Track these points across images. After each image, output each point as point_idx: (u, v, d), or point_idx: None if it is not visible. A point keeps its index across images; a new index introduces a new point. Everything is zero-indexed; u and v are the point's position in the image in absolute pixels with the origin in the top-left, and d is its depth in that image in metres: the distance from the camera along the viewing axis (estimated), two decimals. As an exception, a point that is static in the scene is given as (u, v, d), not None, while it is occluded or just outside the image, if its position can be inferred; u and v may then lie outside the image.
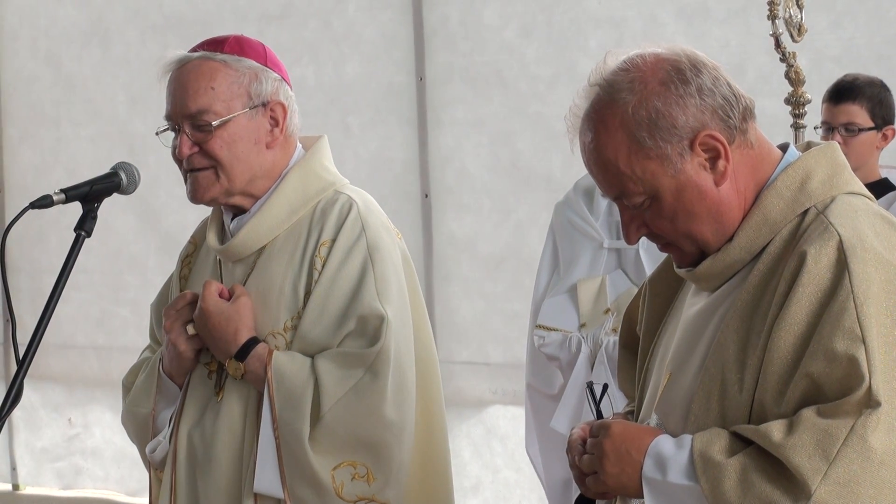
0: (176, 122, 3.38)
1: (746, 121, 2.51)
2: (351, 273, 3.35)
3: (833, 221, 2.42)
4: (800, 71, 4.37)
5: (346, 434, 3.30)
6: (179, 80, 3.38)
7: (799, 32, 4.33)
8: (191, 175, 3.39)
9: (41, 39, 7.73)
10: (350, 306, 3.33)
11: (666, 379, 2.60)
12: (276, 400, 3.30)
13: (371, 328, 3.30)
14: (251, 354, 3.35)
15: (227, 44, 3.41)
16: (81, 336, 7.76)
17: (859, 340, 2.30)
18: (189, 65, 3.38)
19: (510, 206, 6.63)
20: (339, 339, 3.33)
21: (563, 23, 6.46)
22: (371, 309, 3.31)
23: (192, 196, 3.42)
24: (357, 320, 3.32)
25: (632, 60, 2.50)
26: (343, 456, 3.32)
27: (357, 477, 3.32)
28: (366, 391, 3.30)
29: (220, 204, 3.46)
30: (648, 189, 2.48)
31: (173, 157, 3.41)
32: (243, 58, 3.40)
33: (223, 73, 3.37)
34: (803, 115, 4.46)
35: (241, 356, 3.35)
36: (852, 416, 2.28)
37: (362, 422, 3.31)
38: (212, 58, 3.38)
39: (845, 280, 2.34)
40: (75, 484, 7.95)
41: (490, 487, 6.91)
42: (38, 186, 6.95)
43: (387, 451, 3.33)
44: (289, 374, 3.31)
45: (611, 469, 2.49)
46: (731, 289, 2.52)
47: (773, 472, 2.31)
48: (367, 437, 3.31)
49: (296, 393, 3.30)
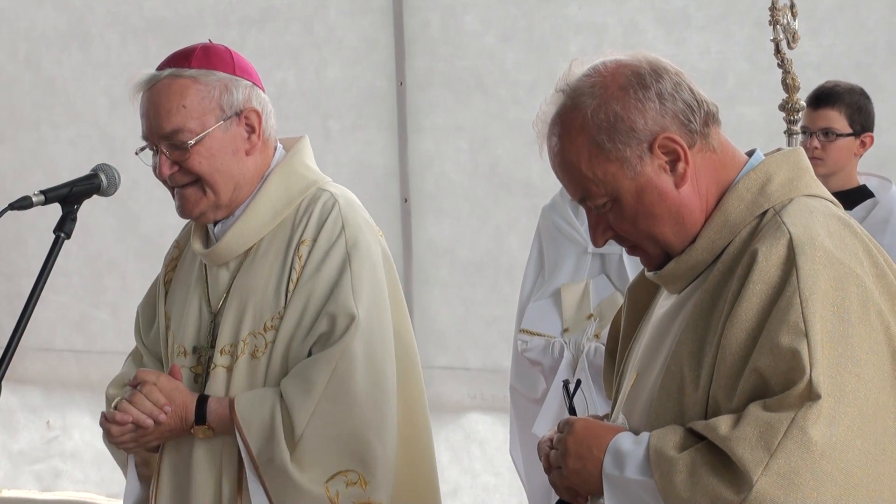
0: (153, 142, 3.39)
1: (709, 125, 2.56)
2: (329, 273, 3.36)
3: (786, 220, 2.47)
4: (796, 78, 4.39)
5: (328, 444, 3.32)
6: (151, 101, 3.38)
7: (794, 39, 4.34)
8: (178, 191, 3.40)
9: (21, 42, 7.71)
10: (325, 306, 3.34)
11: (633, 379, 2.65)
12: (251, 441, 3.32)
13: (339, 328, 3.32)
14: (208, 413, 3.37)
15: (194, 56, 3.41)
16: (60, 339, 7.74)
17: (802, 335, 2.34)
18: (159, 84, 3.38)
19: (489, 212, 6.64)
20: (311, 342, 3.34)
21: (544, 29, 6.46)
22: (344, 308, 3.32)
23: (180, 212, 3.44)
24: (328, 319, 3.33)
25: (595, 67, 2.56)
26: (332, 467, 3.33)
27: (350, 484, 3.34)
28: (336, 396, 3.31)
29: (209, 220, 3.46)
30: (610, 191, 2.53)
31: (155, 175, 3.42)
32: (212, 70, 3.40)
33: (193, 89, 3.36)
34: (797, 122, 4.47)
35: (200, 419, 3.37)
36: (794, 408, 2.32)
37: (340, 426, 3.31)
38: (181, 75, 3.38)
39: (793, 277, 2.38)
40: (54, 486, 7.93)
41: (469, 492, 6.91)
42: (18, 189, 6.93)
43: (371, 451, 3.34)
44: (254, 411, 3.32)
45: (573, 465, 2.54)
46: (694, 289, 2.57)
47: (720, 464, 2.35)
48: (349, 442, 3.32)
49: (265, 426, 3.31)
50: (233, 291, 3.44)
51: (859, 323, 2.38)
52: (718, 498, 2.33)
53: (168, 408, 3.36)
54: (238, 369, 3.39)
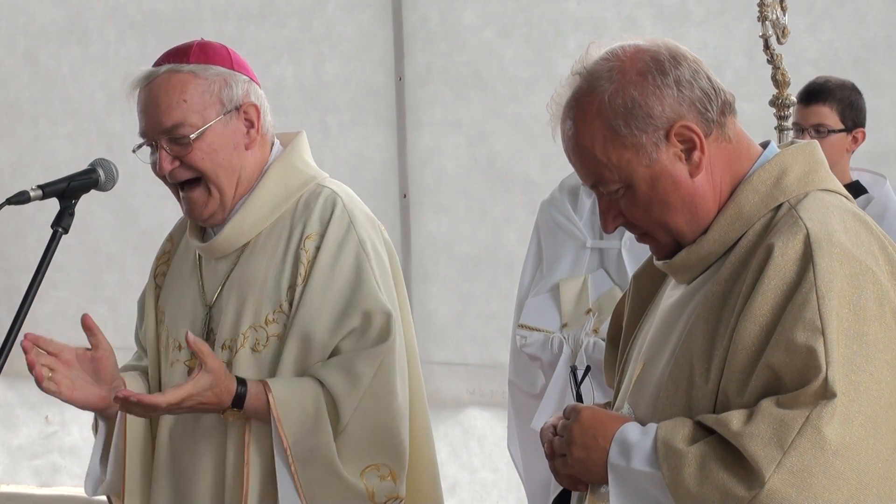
0: (152, 138, 3.37)
1: (725, 115, 2.54)
2: (346, 267, 3.36)
3: (803, 216, 2.45)
4: (786, 73, 4.38)
5: (367, 437, 3.32)
6: (150, 97, 3.36)
7: (783, 34, 4.34)
8: (184, 196, 3.39)
9: (19, 36, 7.70)
10: (351, 301, 3.33)
11: (639, 369, 2.63)
12: (287, 429, 3.28)
13: (377, 324, 3.32)
14: (248, 397, 3.29)
15: (191, 52, 3.40)
16: (58, 334, 7.63)
17: (819, 332, 2.32)
18: (157, 80, 3.36)
19: (487, 207, 6.64)
20: (340, 335, 3.33)
21: (542, 24, 6.46)
22: (377, 304, 3.32)
23: (190, 216, 3.44)
24: (362, 316, 3.32)
25: (612, 51, 2.54)
26: (367, 460, 3.33)
27: (384, 478, 3.34)
28: (379, 390, 3.31)
29: (218, 221, 3.43)
30: (623, 177, 2.50)
31: (154, 172, 3.40)
32: (210, 65, 3.39)
33: (193, 83, 3.35)
34: (788, 118, 4.47)
35: (238, 403, 3.30)
36: (808, 406, 2.30)
37: (379, 421, 3.33)
38: (179, 70, 3.36)
39: (809, 273, 2.36)
40: (53, 482, 7.93)
41: (467, 488, 6.91)
42: (16, 184, 6.92)
43: (402, 446, 3.36)
44: (294, 400, 3.29)
45: (577, 454, 2.52)
46: (705, 281, 2.54)
47: (731, 460, 2.33)
48: (384, 436, 3.33)
49: (310, 417, 3.29)
50: (230, 285, 3.44)
51: (875, 321, 2.36)
52: (729, 493, 2.31)
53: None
54: (239, 363, 3.37)
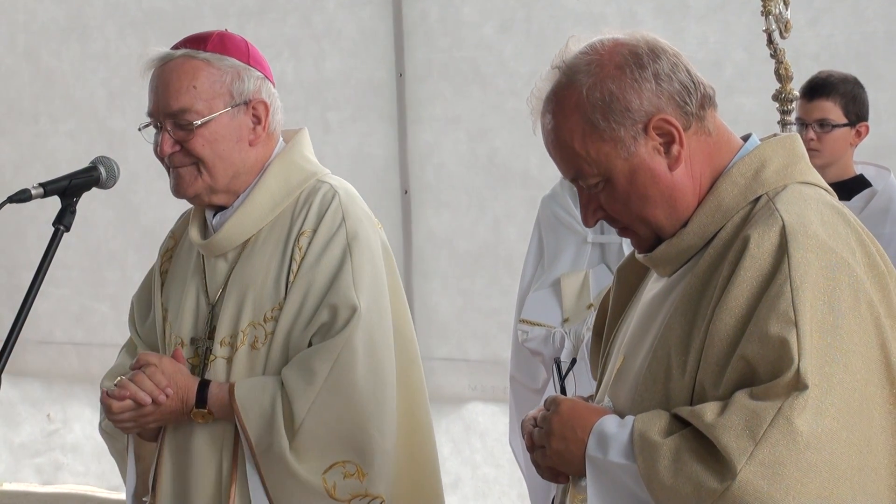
0: (158, 119, 3.38)
1: (705, 108, 2.54)
2: (329, 264, 3.36)
3: (779, 208, 2.45)
4: (789, 67, 4.38)
5: (328, 434, 3.31)
6: (162, 78, 3.37)
7: (786, 29, 4.34)
8: (174, 170, 3.40)
9: (20, 34, 7.71)
10: (325, 297, 3.34)
11: (620, 361, 2.64)
12: (249, 428, 3.32)
13: (340, 319, 3.31)
14: (209, 397, 3.36)
15: (210, 41, 3.41)
16: (60, 332, 7.74)
17: (792, 324, 2.32)
18: (172, 63, 3.37)
19: (487, 203, 6.64)
20: (312, 331, 3.34)
21: (542, 19, 6.46)
22: (345, 299, 3.32)
23: (175, 191, 3.43)
24: (330, 310, 3.32)
25: (592, 45, 2.54)
26: (330, 457, 3.32)
27: (348, 475, 3.33)
28: (337, 386, 3.30)
29: (203, 202, 3.46)
30: (602, 171, 2.51)
31: (155, 153, 3.41)
32: (226, 56, 3.40)
33: (205, 71, 3.36)
34: (790, 112, 4.47)
35: (200, 403, 3.36)
36: (780, 397, 2.30)
37: (340, 417, 3.31)
38: (194, 56, 3.37)
39: (784, 265, 2.36)
40: (55, 479, 7.94)
41: (469, 483, 6.92)
42: (17, 182, 6.93)
43: (369, 442, 3.34)
44: (254, 398, 3.32)
45: (556, 445, 2.53)
46: (685, 273, 2.55)
47: (704, 452, 2.33)
48: (348, 433, 3.32)
49: (266, 414, 3.31)
50: (231, 282, 3.44)
51: (850, 313, 2.36)
52: (701, 485, 2.31)
53: (169, 390, 3.35)
54: (238, 360, 3.38)
